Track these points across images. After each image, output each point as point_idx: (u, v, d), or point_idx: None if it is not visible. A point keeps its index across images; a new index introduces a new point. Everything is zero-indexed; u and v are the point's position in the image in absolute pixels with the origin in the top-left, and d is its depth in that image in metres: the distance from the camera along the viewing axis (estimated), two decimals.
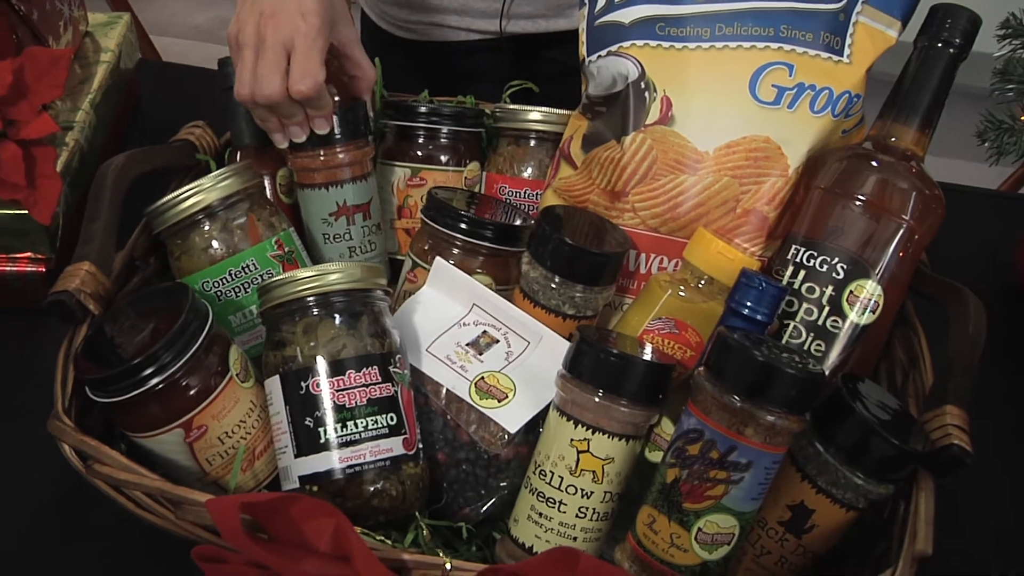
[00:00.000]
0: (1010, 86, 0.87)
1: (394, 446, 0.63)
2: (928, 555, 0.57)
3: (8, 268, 0.82)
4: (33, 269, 0.83)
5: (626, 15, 0.73)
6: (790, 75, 0.71)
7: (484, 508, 0.67)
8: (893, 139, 0.70)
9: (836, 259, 0.68)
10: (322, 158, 0.76)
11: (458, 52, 1.07)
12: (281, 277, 0.65)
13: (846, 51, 0.72)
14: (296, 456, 0.63)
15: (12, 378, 0.79)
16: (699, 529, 0.58)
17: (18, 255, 0.83)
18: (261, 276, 0.71)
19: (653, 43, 0.72)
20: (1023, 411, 0.86)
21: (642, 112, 0.72)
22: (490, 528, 0.68)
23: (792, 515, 0.62)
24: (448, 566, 0.55)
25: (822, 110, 0.71)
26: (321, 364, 0.63)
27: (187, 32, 2.68)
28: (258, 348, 0.72)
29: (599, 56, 0.74)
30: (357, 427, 0.62)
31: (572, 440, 0.62)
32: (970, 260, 0.99)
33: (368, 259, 0.80)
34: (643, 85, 0.72)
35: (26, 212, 0.80)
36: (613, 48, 0.73)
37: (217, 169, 0.79)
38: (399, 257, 0.84)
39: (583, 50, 0.75)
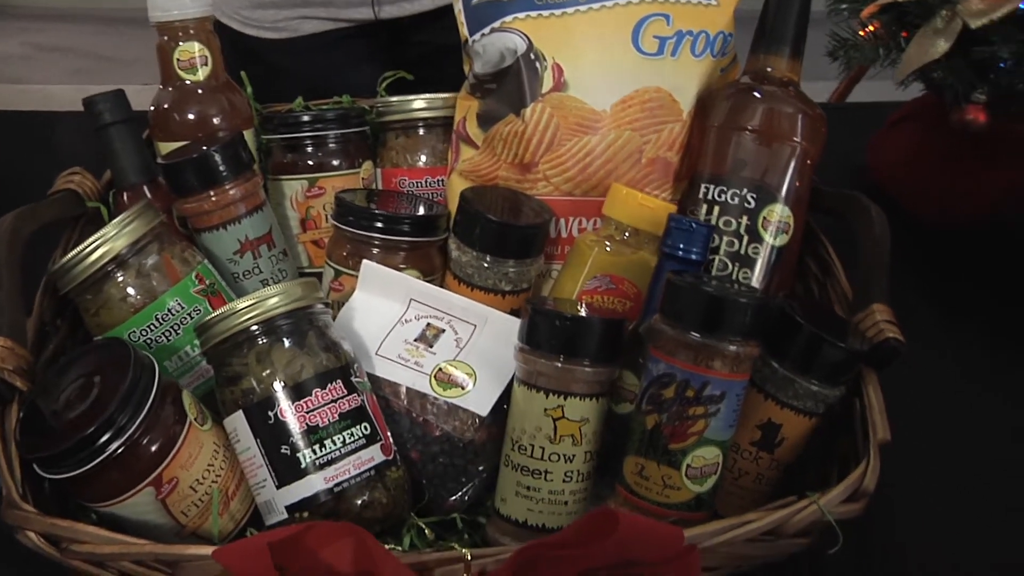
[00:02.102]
0: (844, 5, 0.94)
1: (374, 455, 0.63)
2: (888, 441, 0.63)
3: None
4: None
5: None
6: (668, 24, 0.74)
7: (468, 495, 0.67)
8: (769, 69, 0.74)
9: (744, 190, 0.71)
10: (213, 199, 0.73)
11: (327, 43, 1.07)
12: (220, 312, 0.63)
13: None
14: (279, 487, 0.61)
15: None
16: (688, 465, 0.61)
17: None
18: (189, 315, 0.69)
19: (534, 14, 0.73)
20: (905, 304, 0.93)
21: (536, 82, 0.73)
22: (474, 514, 0.69)
23: (762, 434, 0.66)
24: (468, 556, 0.55)
25: (702, 53, 0.74)
26: (284, 390, 0.61)
27: None
28: (202, 388, 0.69)
29: (482, 35, 0.75)
30: (335, 444, 0.61)
31: (546, 410, 0.63)
32: (831, 170, 1.06)
33: None
34: (532, 56, 0.73)
35: None
36: (496, 24, 0.74)
37: (107, 214, 0.76)
38: (310, 271, 0.82)
39: (464, 31, 0.76)
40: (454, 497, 0.67)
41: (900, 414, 0.64)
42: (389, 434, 0.65)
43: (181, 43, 0.77)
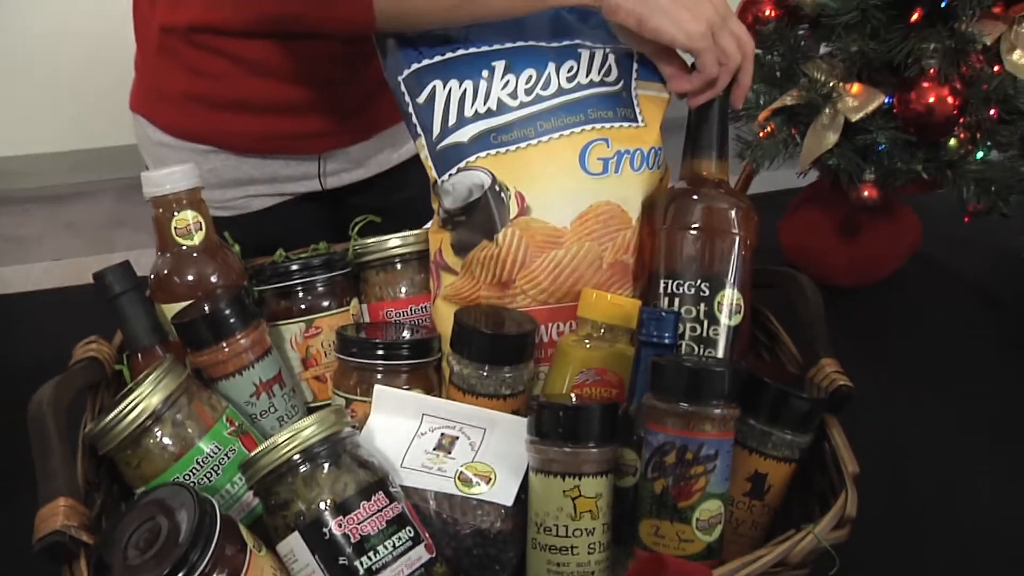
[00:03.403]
0: (741, 114, 1.09)
1: (421, 554, 0.70)
2: (858, 473, 0.73)
3: None
4: None
5: (463, 135, 0.85)
6: (608, 147, 0.86)
7: None
8: (704, 173, 0.87)
9: (698, 280, 0.82)
10: (226, 349, 0.81)
11: (274, 215, 1.16)
12: (263, 447, 0.70)
13: (639, 117, 0.88)
14: None
15: None
16: (697, 519, 0.70)
17: None
18: (226, 455, 0.75)
19: (493, 152, 0.84)
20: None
21: (504, 210, 0.84)
22: None
23: (752, 484, 0.75)
24: None
25: (640, 167, 0.87)
26: (334, 507, 0.68)
27: None
28: (246, 520, 0.75)
29: (450, 175, 0.85)
30: (387, 549, 0.68)
31: (564, 491, 0.72)
32: None
33: (296, 420, 0.84)
34: (497, 188, 0.84)
35: None
36: (461, 165, 0.85)
37: (128, 376, 0.82)
38: (315, 405, 0.89)
39: (432, 174, 0.86)
40: None
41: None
42: (428, 534, 0.72)
43: (176, 213, 0.85)
